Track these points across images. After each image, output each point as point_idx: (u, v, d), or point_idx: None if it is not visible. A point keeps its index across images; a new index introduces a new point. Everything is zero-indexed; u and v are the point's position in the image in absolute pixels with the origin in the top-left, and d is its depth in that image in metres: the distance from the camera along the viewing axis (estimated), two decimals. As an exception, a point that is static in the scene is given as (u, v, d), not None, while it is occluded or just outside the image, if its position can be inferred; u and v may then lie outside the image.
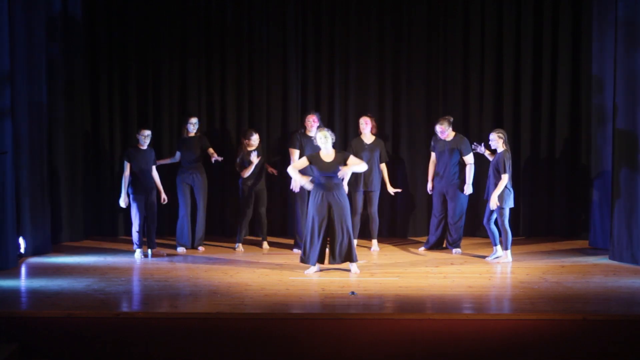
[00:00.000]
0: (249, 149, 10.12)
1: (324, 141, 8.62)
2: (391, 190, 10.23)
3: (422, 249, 10.21)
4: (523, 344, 6.88)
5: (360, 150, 10.02)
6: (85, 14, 10.81)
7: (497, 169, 9.25)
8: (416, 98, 11.08)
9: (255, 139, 10.15)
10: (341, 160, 8.62)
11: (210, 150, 10.17)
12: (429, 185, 10.14)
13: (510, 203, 9.32)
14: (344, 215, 8.58)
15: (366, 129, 10.14)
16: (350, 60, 11.09)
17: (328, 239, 8.73)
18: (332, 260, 8.69)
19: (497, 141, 9.33)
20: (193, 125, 10.15)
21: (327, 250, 8.76)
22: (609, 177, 9.66)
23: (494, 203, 9.24)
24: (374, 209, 10.20)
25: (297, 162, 8.96)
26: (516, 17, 10.93)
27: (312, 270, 8.75)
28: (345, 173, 8.80)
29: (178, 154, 10.25)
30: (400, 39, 11.04)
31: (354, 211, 9.89)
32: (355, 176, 9.87)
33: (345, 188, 9.11)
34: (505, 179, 9.19)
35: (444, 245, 10.19)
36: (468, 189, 9.87)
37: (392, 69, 11.08)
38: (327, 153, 8.65)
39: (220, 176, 10.96)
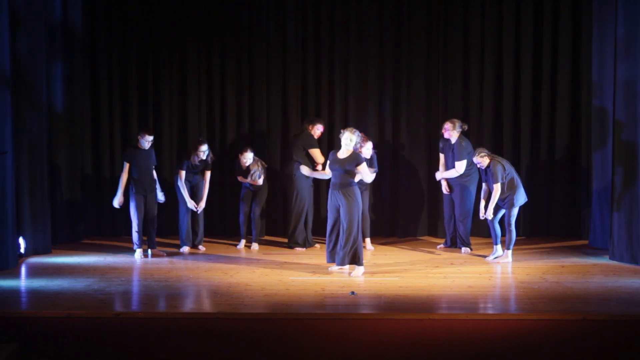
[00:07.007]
0: (243, 166, 10.14)
1: (348, 143, 8.52)
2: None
3: (440, 246, 10.29)
4: (523, 344, 6.88)
5: None
6: (86, 14, 10.80)
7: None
8: (416, 100, 11.07)
9: (248, 158, 10.11)
10: (353, 161, 8.51)
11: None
12: (444, 186, 10.12)
13: (521, 201, 9.36)
14: (345, 215, 8.51)
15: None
16: (350, 61, 11.08)
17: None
18: (334, 260, 8.72)
19: (482, 161, 9.35)
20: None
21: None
22: (609, 177, 9.65)
23: (489, 213, 9.32)
24: (365, 207, 10.16)
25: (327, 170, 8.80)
26: (516, 18, 10.92)
27: (333, 268, 8.84)
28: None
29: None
30: (400, 40, 11.03)
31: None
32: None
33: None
34: (497, 188, 9.22)
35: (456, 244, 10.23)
36: (439, 175, 9.95)
37: (392, 69, 11.07)
38: (345, 151, 8.60)
39: (220, 176, 10.96)
